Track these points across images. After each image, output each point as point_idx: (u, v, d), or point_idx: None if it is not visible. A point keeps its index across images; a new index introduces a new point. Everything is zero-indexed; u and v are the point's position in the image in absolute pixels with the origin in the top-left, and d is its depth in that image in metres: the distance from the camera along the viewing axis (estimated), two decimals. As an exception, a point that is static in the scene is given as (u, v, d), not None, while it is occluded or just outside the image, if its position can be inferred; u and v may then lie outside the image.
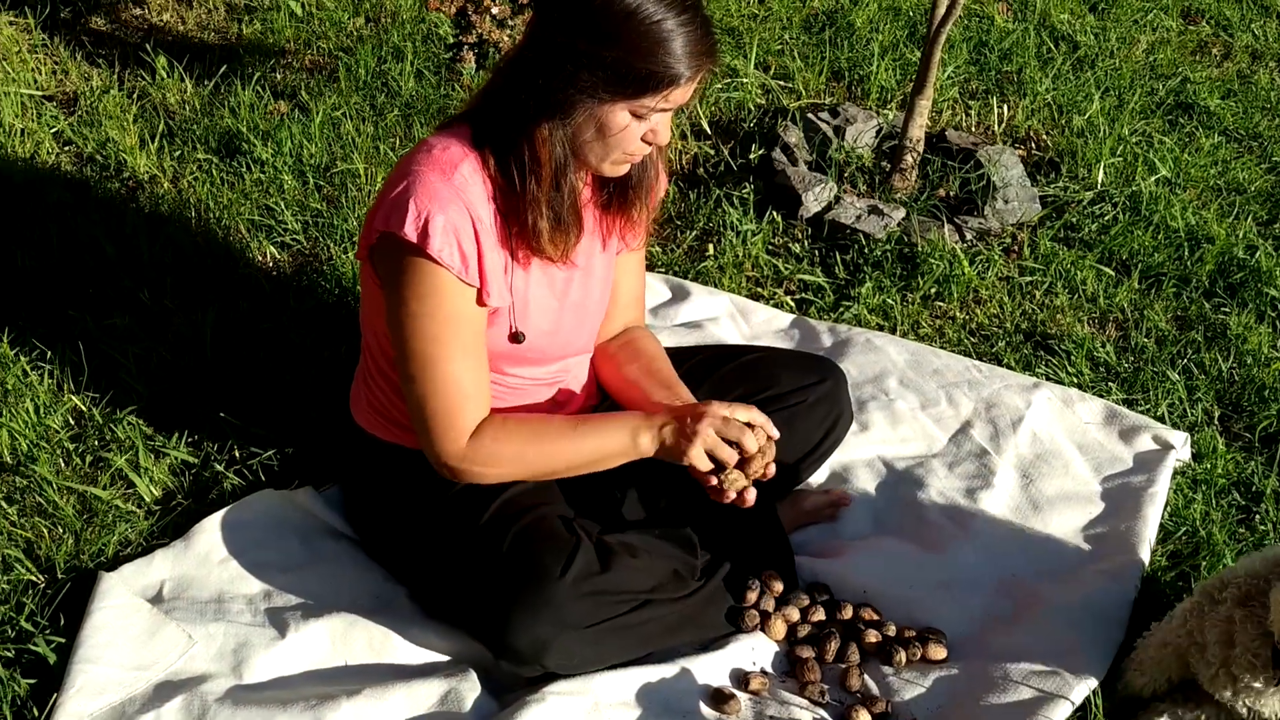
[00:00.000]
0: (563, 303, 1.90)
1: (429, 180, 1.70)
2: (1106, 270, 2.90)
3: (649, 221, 1.98)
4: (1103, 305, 2.81)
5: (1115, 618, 2.00)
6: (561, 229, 1.77)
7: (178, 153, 3.12)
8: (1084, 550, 2.16)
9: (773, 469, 1.83)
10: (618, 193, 1.88)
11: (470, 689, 1.82)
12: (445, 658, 1.91)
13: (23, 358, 2.41)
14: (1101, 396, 2.53)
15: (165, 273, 2.72)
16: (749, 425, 1.79)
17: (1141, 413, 2.49)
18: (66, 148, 3.15)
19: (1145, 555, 2.12)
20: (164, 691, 1.79)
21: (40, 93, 3.33)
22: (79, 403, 2.33)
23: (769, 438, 1.82)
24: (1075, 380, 2.58)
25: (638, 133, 1.71)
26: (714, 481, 1.80)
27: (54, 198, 2.90)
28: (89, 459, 2.23)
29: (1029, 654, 1.93)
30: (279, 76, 3.48)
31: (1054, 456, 2.34)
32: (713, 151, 3.25)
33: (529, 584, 1.75)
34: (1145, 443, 2.38)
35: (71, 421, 2.32)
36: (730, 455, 1.77)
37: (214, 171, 3.04)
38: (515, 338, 1.85)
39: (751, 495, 1.83)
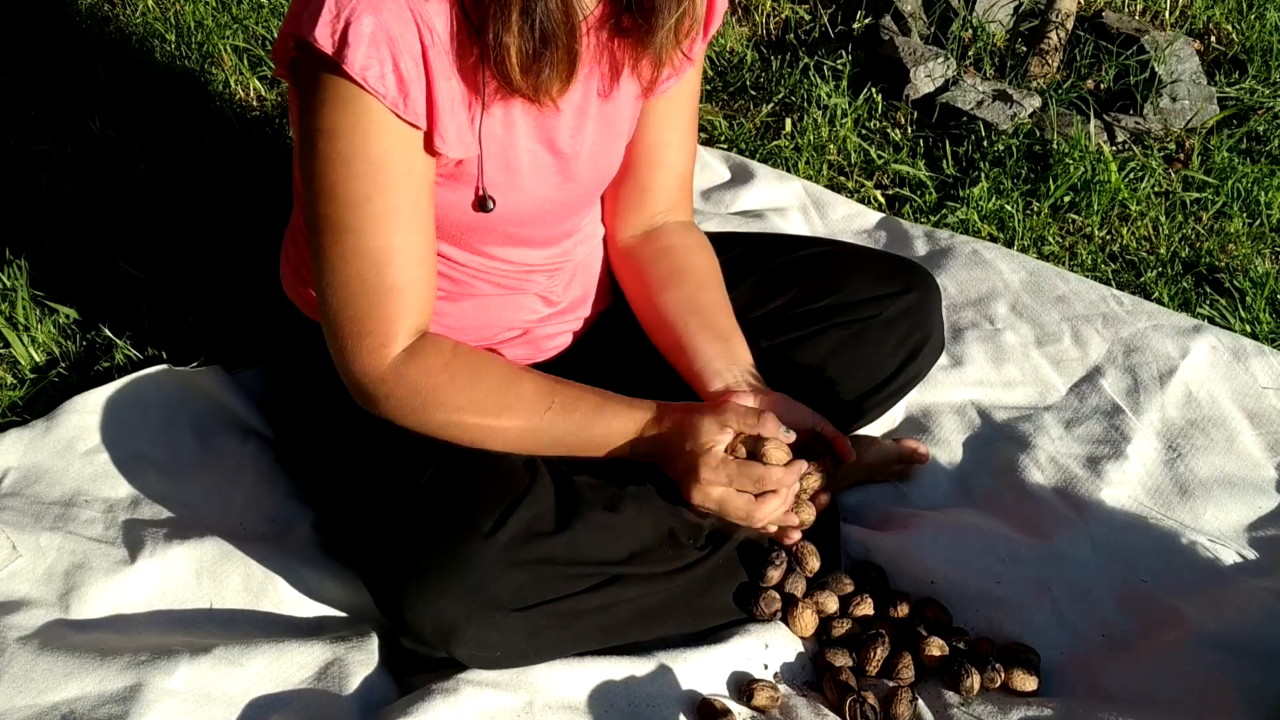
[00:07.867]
0: (566, 163, 1.35)
1: None
2: (1299, 194, 2.25)
3: (689, 56, 1.39)
4: (1291, 237, 2.17)
5: (1285, 657, 1.42)
6: (544, 52, 1.19)
7: (173, -33, 2.63)
8: (1247, 558, 1.56)
9: (825, 499, 1.44)
10: (634, 9, 1.30)
11: (363, 662, 1.32)
12: (342, 614, 1.41)
13: (-85, 181, 1.96)
14: (1284, 353, 1.91)
15: (125, 100, 2.24)
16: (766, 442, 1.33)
17: (1337, 379, 1.86)
18: (51, -45, 2.68)
19: (1334, 573, 1.53)
20: (-43, 619, 1.32)
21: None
22: (-30, 240, 1.87)
23: (820, 468, 1.40)
24: (1248, 329, 1.96)
25: None
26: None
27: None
28: (-37, 309, 1.77)
29: (1156, 697, 1.36)
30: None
31: (1214, 426, 1.74)
32: (808, 16, 2.65)
33: (442, 539, 1.21)
34: (1342, 419, 1.76)
35: (-39, 263, 1.86)
36: (742, 511, 1.33)
37: (208, -10, 2.55)
38: (481, 204, 1.31)
39: (796, 535, 1.43)
